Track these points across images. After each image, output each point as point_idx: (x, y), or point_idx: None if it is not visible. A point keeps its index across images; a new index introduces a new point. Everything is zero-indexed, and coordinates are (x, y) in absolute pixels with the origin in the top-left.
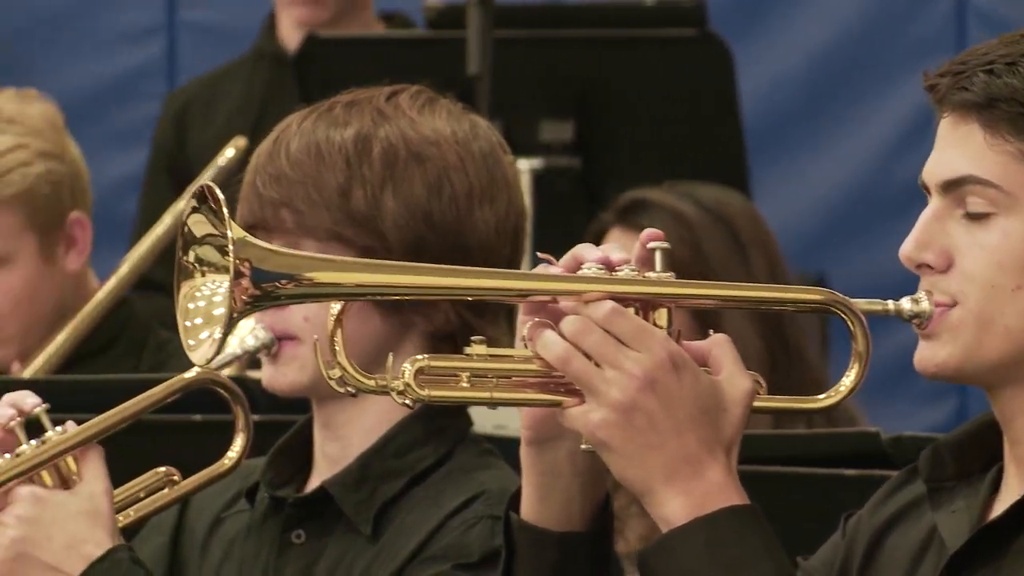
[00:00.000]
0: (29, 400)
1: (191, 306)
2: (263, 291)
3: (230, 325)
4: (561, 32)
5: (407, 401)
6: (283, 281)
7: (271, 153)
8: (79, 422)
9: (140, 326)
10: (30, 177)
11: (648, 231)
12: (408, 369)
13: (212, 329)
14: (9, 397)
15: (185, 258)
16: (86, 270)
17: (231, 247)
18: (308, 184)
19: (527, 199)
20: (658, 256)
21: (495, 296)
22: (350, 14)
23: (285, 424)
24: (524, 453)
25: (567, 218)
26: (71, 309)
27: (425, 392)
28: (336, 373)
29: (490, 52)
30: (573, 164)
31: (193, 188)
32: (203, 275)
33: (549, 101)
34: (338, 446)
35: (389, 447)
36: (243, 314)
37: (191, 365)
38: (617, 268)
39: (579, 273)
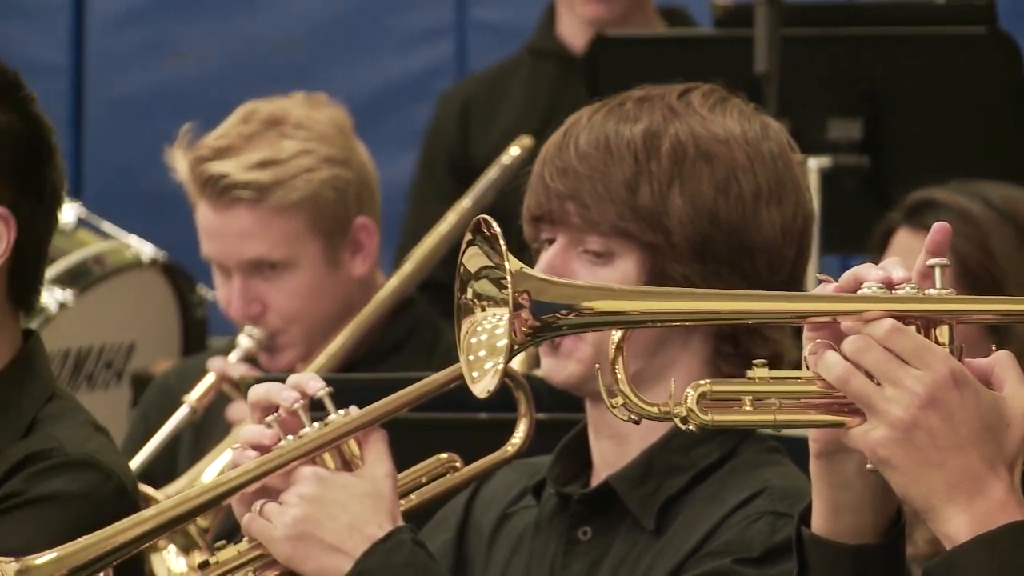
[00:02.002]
0: (312, 383)
1: (473, 340)
2: (543, 322)
3: (511, 356)
4: (849, 30)
5: (691, 427)
6: (563, 311)
7: (560, 146)
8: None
9: (430, 327)
10: (315, 183)
11: (936, 225)
12: (691, 394)
13: (495, 360)
14: (293, 380)
15: (463, 296)
16: (374, 273)
17: (509, 279)
18: (595, 178)
19: (814, 198)
20: (937, 273)
21: (774, 320)
22: (636, 11)
23: (570, 422)
24: (814, 466)
25: (855, 217)
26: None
27: (708, 417)
28: (619, 401)
29: (778, 51)
30: (861, 163)
31: (476, 190)
32: (483, 310)
33: (837, 99)
34: (613, 444)
35: (673, 443)
36: (524, 346)
37: None
38: (897, 286)
39: (859, 292)
